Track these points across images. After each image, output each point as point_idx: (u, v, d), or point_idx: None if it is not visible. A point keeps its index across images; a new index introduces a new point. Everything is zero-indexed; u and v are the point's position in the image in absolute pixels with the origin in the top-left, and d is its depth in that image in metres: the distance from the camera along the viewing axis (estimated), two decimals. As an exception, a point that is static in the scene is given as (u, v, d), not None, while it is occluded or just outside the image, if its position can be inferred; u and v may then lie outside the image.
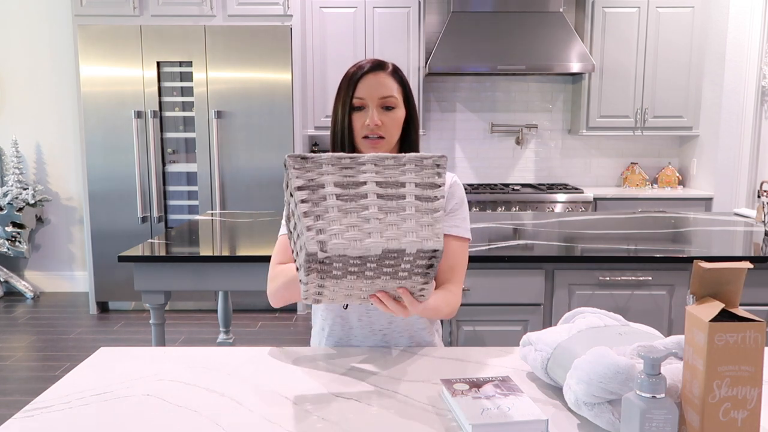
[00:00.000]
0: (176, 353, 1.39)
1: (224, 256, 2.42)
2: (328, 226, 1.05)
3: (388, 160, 1.08)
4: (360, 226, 1.06)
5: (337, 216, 1.06)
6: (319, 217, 1.05)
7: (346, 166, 1.07)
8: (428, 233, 1.08)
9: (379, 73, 1.43)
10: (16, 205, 4.76)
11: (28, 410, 1.12)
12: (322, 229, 1.05)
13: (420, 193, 1.09)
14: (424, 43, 4.61)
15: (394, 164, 1.09)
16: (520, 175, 5.11)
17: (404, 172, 1.09)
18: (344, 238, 1.05)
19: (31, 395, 1.58)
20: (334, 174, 1.07)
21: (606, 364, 0.99)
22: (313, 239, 1.04)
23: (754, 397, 0.90)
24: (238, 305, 4.48)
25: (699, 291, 0.95)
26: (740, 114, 4.44)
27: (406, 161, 1.09)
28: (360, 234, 1.05)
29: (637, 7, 4.60)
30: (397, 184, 1.09)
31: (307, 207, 1.05)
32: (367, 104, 1.42)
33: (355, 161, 1.08)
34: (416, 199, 1.09)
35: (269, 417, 1.09)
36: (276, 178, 4.42)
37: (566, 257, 2.37)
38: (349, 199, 1.07)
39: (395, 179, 1.09)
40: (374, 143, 1.42)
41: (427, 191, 1.10)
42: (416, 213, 1.09)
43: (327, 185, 1.06)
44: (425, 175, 1.10)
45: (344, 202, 1.07)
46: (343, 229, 1.05)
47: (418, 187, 1.09)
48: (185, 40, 4.32)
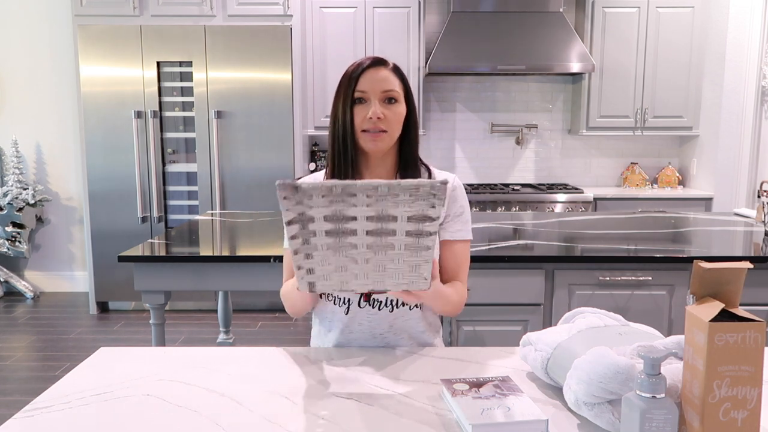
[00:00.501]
0: (176, 353, 1.39)
1: (224, 256, 2.42)
2: (318, 266, 1.08)
3: (382, 188, 1.03)
4: (347, 266, 1.08)
5: (326, 254, 1.07)
6: (308, 256, 1.07)
7: (338, 198, 1.04)
8: (415, 276, 1.10)
9: (380, 68, 1.43)
10: (16, 205, 4.76)
11: (28, 410, 1.12)
12: (312, 269, 1.08)
13: (412, 228, 1.06)
14: (424, 43, 4.61)
15: (387, 193, 1.03)
16: (520, 175, 5.11)
17: (397, 203, 1.04)
18: (332, 280, 1.09)
19: (31, 395, 1.58)
20: (325, 207, 1.04)
21: (606, 364, 0.99)
22: (303, 279, 1.09)
23: (754, 397, 0.90)
24: (238, 305, 4.48)
25: (699, 291, 0.95)
26: (740, 114, 4.44)
27: (399, 191, 1.04)
28: (347, 275, 1.09)
29: (637, 7, 4.60)
30: (388, 218, 1.05)
31: (298, 244, 1.07)
32: (369, 98, 1.41)
33: (347, 191, 1.03)
34: (407, 235, 1.07)
35: (269, 417, 1.09)
36: (276, 178, 4.38)
37: (566, 257, 2.37)
38: (339, 235, 1.06)
39: (387, 212, 1.05)
40: (375, 136, 1.41)
41: (420, 225, 1.06)
42: (405, 252, 1.08)
43: (317, 220, 1.05)
44: (419, 207, 1.05)
45: (334, 239, 1.06)
46: (331, 269, 1.08)
47: (411, 221, 1.06)
48: (185, 40, 4.32)
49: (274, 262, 2.32)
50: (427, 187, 1.04)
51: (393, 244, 1.07)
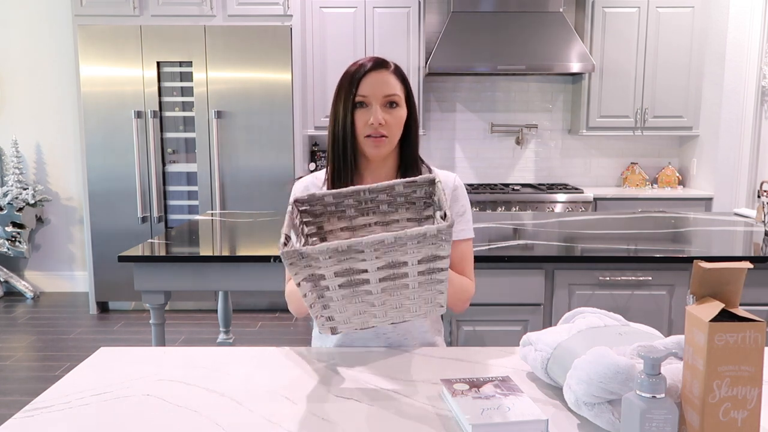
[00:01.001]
0: (176, 353, 1.39)
1: (224, 256, 2.42)
2: (337, 313, 1.10)
3: (388, 240, 1.02)
4: (366, 309, 1.10)
5: (343, 303, 1.09)
6: (325, 307, 1.09)
7: (344, 257, 1.03)
8: (431, 307, 1.11)
9: (382, 71, 1.42)
10: (16, 205, 4.76)
11: (28, 410, 1.12)
12: (331, 316, 1.10)
13: (424, 269, 1.07)
14: (424, 43, 4.61)
15: (394, 243, 1.03)
16: (520, 175, 5.11)
17: (406, 251, 1.04)
18: (353, 322, 1.11)
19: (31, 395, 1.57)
20: (334, 265, 1.04)
21: (606, 364, 0.99)
22: (324, 326, 1.11)
23: (754, 397, 0.90)
24: (238, 305, 4.48)
25: (699, 291, 0.95)
26: (740, 114, 4.44)
27: (407, 240, 1.03)
28: (366, 316, 1.11)
29: (637, 7, 4.60)
30: (399, 264, 1.05)
31: (313, 299, 1.08)
32: (371, 102, 1.41)
33: (354, 249, 1.02)
34: (419, 275, 1.07)
35: (269, 417, 1.09)
36: (276, 178, 4.42)
37: (566, 257, 2.37)
38: (352, 286, 1.07)
39: (396, 260, 1.05)
40: (377, 142, 1.42)
41: (431, 264, 1.07)
42: (419, 288, 1.09)
43: (328, 276, 1.05)
44: (428, 250, 1.05)
45: (348, 290, 1.07)
46: (350, 314, 1.10)
47: (422, 263, 1.06)
48: (185, 40, 4.32)
49: (274, 262, 2.32)
50: (434, 232, 1.03)
51: (407, 284, 1.08)
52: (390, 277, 1.06)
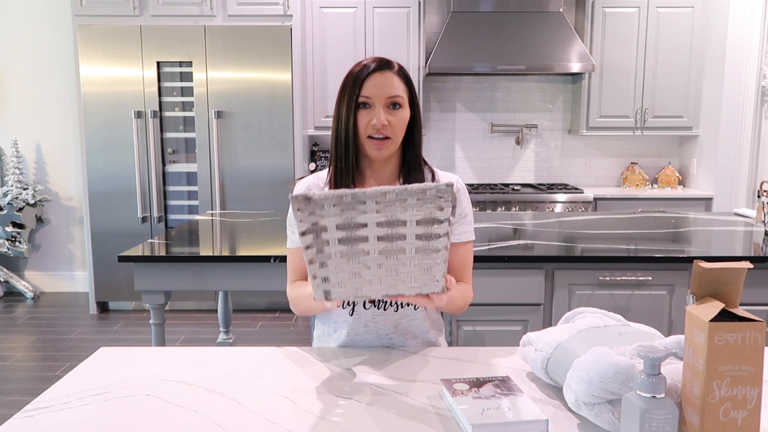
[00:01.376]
0: (176, 353, 1.39)
1: (224, 256, 2.42)
2: (332, 274, 1.11)
3: (390, 195, 1.06)
4: (361, 273, 1.11)
5: (340, 262, 1.10)
6: (323, 265, 1.10)
7: (348, 206, 1.07)
8: (427, 278, 1.12)
9: (386, 72, 1.42)
10: (16, 205, 4.76)
11: (28, 410, 1.12)
12: (327, 277, 1.11)
13: (422, 232, 1.09)
14: (424, 43, 4.61)
15: (395, 199, 1.06)
16: (520, 175, 5.11)
17: (406, 208, 1.07)
18: (347, 287, 1.12)
19: (31, 395, 1.58)
20: (337, 216, 1.07)
21: (606, 364, 0.99)
22: (319, 287, 1.12)
23: (754, 397, 0.90)
24: (238, 305, 4.48)
25: (699, 291, 0.95)
26: (740, 114, 4.44)
27: (407, 195, 1.06)
28: (361, 282, 1.11)
29: (637, 7, 4.60)
30: (398, 223, 1.08)
31: (312, 254, 1.09)
32: (374, 103, 1.41)
33: (357, 199, 1.06)
34: (417, 239, 1.09)
35: (269, 417, 1.09)
36: (276, 178, 4.42)
37: (566, 257, 2.37)
38: (351, 242, 1.09)
39: (396, 217, 1.08)
40: (380, 144, 1.41)
41: (429, 228, 1.08)
42: (416, 255, 1.10)
43: (330, 229, 1.08)
44: (427, 210, 1.08)
45: (347, 247, 1.09)
46: (345, 277, 1.11)
47: (420, 224, 1.08)
48: (185, 40, 4.32)
49: (274, 262, 2.32)
50: (434, 190, 1.06)
51: (404, 248, 1.09)
52: (388, 237, 1.09)
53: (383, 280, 1.11)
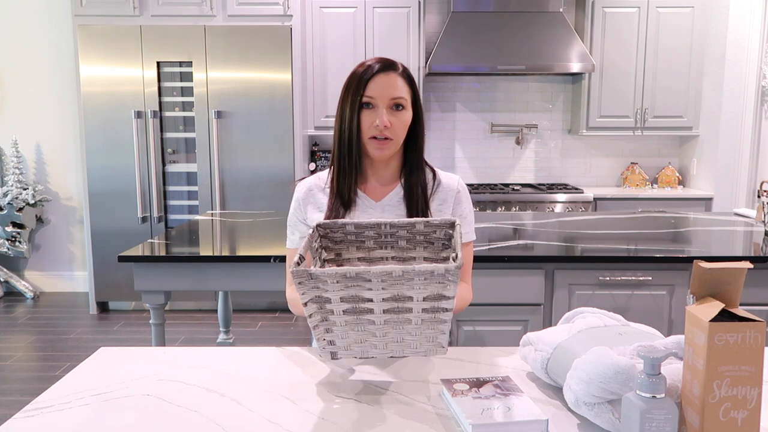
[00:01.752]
0: (176, 353, 1.39)
1: (224, 256, 2.42)
2: (338, 339, 1.11)
3: (396, 273, 1.04)
4: (367, 339, 1.11)
5: (345, 329, 1.10)
6: (328, 330, 1.11)
7: (352, 284, 1.05)
8: (432, 344, 1.12)
9: (390, 73, 1.43)
10: (16, 205, 4.76)
11: (28, 410, 1.12)
12: (333, 341, 1.12)
13: (428, 306, 1.08)
14: (424, 43, 4.61)
15: (402, 277, 1.05)
16: (520, 175, 5.11)
17: (412, 286, 1.06)
18: (353, 350, 1.12)
19: (31, 395, 1.58)
20: (341, 291, 1.06)
21: (606, 364, 0.99)
22: (325, 349, 1.13)
23: (754, 397, 0.90)
24: (238, 305, 4.48)
25: (699, 291, 0.95)
26: (740, 114, 4.44)
27: (414, 275, 1.04)
28: (367, 346, 1.12)
29: (637, 7, 4.60)
30: (404, 299, 1.07)
31: (317, 321, 1.10)
32: (377, 104, 1.41)
33: (362, 277, 1.05)
34: (423, 312, 1.08)
35: (269, 417, 1.09)
36: (276, 178, 4.42)
37: (566, 257, 2.37)
38: (357, 313, 1.09)
39: (402, 293, 1.06)
40: (382, 144, 1.42)
41: (437, 303, 1.07)
42: (422, 325, 1.10)
43: (334, 301, 1.07)
44: (434, 288, 1.06)
45: (352, 317, 1.09)
46: (351, 341, 1.12)
47: (426, 300, 1.07)
48: (185, 40, 4.32)
49: (274, 262, 2.32)
50: (442, 271, 1.04)
51: (410, 319, 1.09)
52: (394, 310, 1.08)
53: (389, 346, 1.12)
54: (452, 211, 1.51)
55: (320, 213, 1.49)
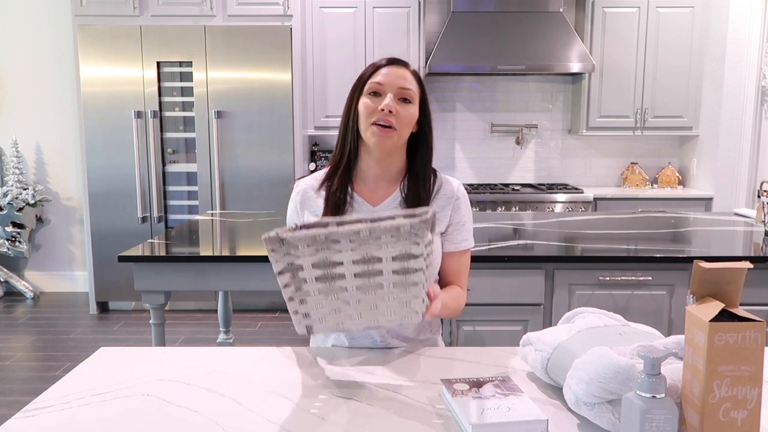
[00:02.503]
0: (176, 353, 1.39)
1: (224, 256, 2.42)
2: (313, 310, 1.12)
3: (363, 233, 1.05)
4: (341, 308, 1.12)
5: (319, 299, 1.11)
6: (303, 301, 1.12)
7: (322, 246, 1.07)
8: (406, 311, 1.12)
9: (400, 67, 1.42)
10: (16, 205, 4.76)
11: (28, 410, 1.12)
12: (307, 313, 1.13)
13: (398, 267, 1.08)
14: (424, 43, 4.61)
15: (369, 236, 1.06)
16: (520, 175, 5.11)
17: (380, 245, 1.06)
18: (328, 321, 1.13)
19: (31, 395, 1.57)
20: (311, 255, 1.08)
21: (606, 364, 0.99)
22: (300, 323, 1.14)
23: (754, 397, 0.90)
24: (238, 305, 4.47)
25: (699, 291, 0.95)
26: (740, 114, 4.44)
27: (381, 233, 1.05)
28: (341, 316, 1.13)
29: (637, 7, 4.60)
30: (374, 260, 1.08)
31: (291, 292, 1.11)
32: (385, 91, 1.38)
33: (330, 239, 1.06)
34: (394, 274, 1.09)
35: (269, 417, 1.09)
36: (276, 178, 4.42)
37: (566, 257, 2.37)
38: (328, 280, 1.09)
39: (371, 254, 1.07)
40: (384, 131, 1.37)
41: (406, 263, 1.08)
42: (395, 289, 1.10)
43: (306, 267, 1.09)
44: (402, 246, 1.07)
45: (324, 284, 1.10)
46: (325, 312, 1.12)
47: (396, 260, 1.08)
48: (185, 40, 4.32)
49: (274, 262, 2.31)
50: (407, 227, 1.05)
51: (381, 283, 1.10)
52: (365, 274, 1.09)
53: (363, 315, 1.12)
54: (450, 218, 1.48)
55: (316, 217, 1.47)
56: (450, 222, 1.48)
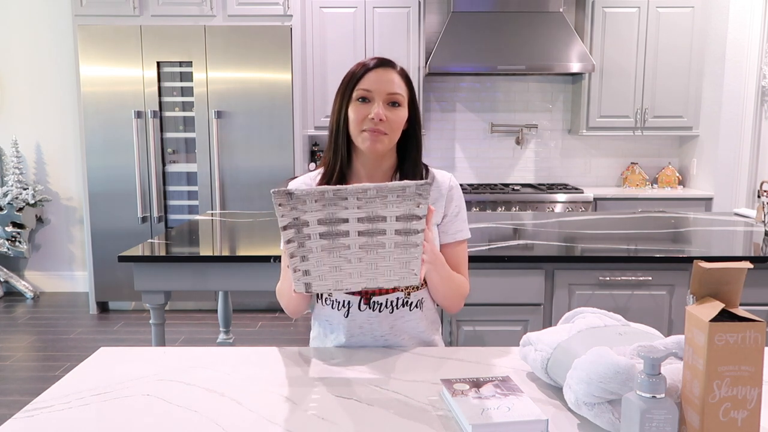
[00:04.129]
0: (176, 353, 1.39)
1: (224, 256, 2.42)
2: (313, 267, 1.13)
3: (371, 191, 1.09)
4: (341, 266, 1.14)
5: (321, 256, 1.13)
6: (304, 258, 1.13)
7: (330, 202, 1.09)
8: (405, 271, 1.14)
9: (388, 69, 1.41)
10: (16, 205, 4.76)
11: (28, 410, 1.12)
12: (308, 270, 1.14)
13: (401, 227, 1.12)
14: (424, 43, 4.61)
15: (376, 195, 1.09)
16: (520, 175, 5.11)
17: (386, 204, 1.10)
18: (327, 280, 1.14)
19: (31, 395, 1.57)
20: (318, 211, 1.10)
21: (606, 364, 0.99)
22: (299, 281, 1.14)
23: (754, 397, 0.90)
24: (238, 305, 4.48)
25: (699, 291, 0.95)
26: (740, 114, 4.44)
27: (388, 192, 1.09)
28: (341, 275, 1.14)
29: (637, 7, 4.60)
30: (378, 219, 1.11)
31: (294, 248, 1.12)
32: (373, 97, 1.39)
33: (338, 195, 1.09)
34: (396, 233, 1.12)
35: (269, 417, 1.09)
36: (276, 178, 4.42)
37: (566, 257, 2.37)
38: (332, 237, 1.11)
39: (376, 213, 1.10)
40: (374, 137, 1.38)
41: (408, 224, 1.12)
42: (396, 249, 1.13)
43: (311, 223, 1.10)
44: (407, 206, 1.11)
45: (328, 241, 1.12)
46: (326, 270, 1.14)
47: (399, 220, 1.11)
48: (185, 40, 4.32)
49: (274, 262, 2.32)
50: (413, 188, 1.10)
51: (384, 243, 1.12)
52: (369, 232, 1.11)
53: (363, 273, 1.14)
54: (445, 209, 1.49)
55: None
56: (445, 213, 1.49)
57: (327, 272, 1.13)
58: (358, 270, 1.14)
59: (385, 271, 1.14)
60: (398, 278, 1.15)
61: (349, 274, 1.14)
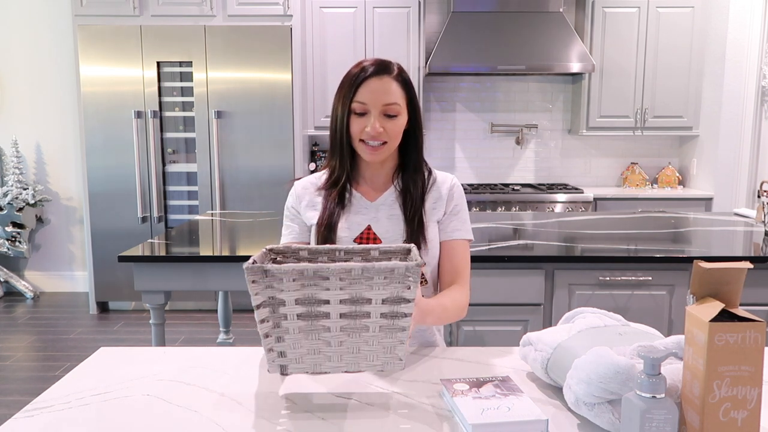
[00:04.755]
0: (176, 353, 1.39)
1: (224, 256, 2.42)
2: (290, 349, 1.05)
3: (356, 271, 1.00)
4: (321, 349, 1.06)
5: (298, 338, 1.04)
6: (280, 339, 1.04)
7: (309, 282, 1.00)
8: (389, 357, 1.07)
9: (384, 77, 1.40)
10: (16, 205, 4.76)
11: (28, 410, 1.12)
12: (283, 352, 1.05)
13: (387, 311, 1.04)
14: (424, 43, 4.61)
15: (361, 276, 1.01)
16: (520, 175, 5.11)
17: (372, 286, 1.02)
18: (305, 363, 1.06)
19: (31, 395, 1.57)
20: (296, 291, 1.01)
21: (606, 364, 0.99)
22: (274, 362, 1.06)
23: (754, 397, 0.90)
24: (238, 305, 4.46)
25: (699, 291, 0.95)
26: (740, 114, 4.44)
27: (374, 273, 1.01)
28: (320, 358, 1.06)
29: (637, 7, 4.60)
30: (363, 301, 1.02)
31: (268, 328, 1.04)
32: (369, 110, 1.39)
33: (319, 275, 1.00)
34: (382, 317, 1.04)
35: (269, 417, 1.09)
36: (276, 178, 4.42)
37: (566, 257, 2.37)
38: (311, 318, 1.03)
39: (361, 295, 1.02)
40: (374, 149, 1.41)
41: (395, 307, 1.04)
42: (380, 333, 1.05)
43: (288, 303, 1.02)
44: (394, 289, 1.02)
45: (306, 322, 1.03)
46: (303, 352, 1.05)
47: (386, 303, 1.03)
48: (185, 40, 4.32)
49: (274, 262, 2.31)
50: (402, 269, 1.01)
51: (368, 326, 1.05)
52: (351, 314, 1.03)
53: (343, 358, 1.07)
54: (446, 207, 1.50)
55: (315, 211, 1.49)
56: (445, 211, 1.50)
57: (305, 354, 1.05)
58: (338, 353, 1.06)
59: (368, 355, 1.06)
60: (381, 363, 1.08)
61: (328, 358, 1.06)
